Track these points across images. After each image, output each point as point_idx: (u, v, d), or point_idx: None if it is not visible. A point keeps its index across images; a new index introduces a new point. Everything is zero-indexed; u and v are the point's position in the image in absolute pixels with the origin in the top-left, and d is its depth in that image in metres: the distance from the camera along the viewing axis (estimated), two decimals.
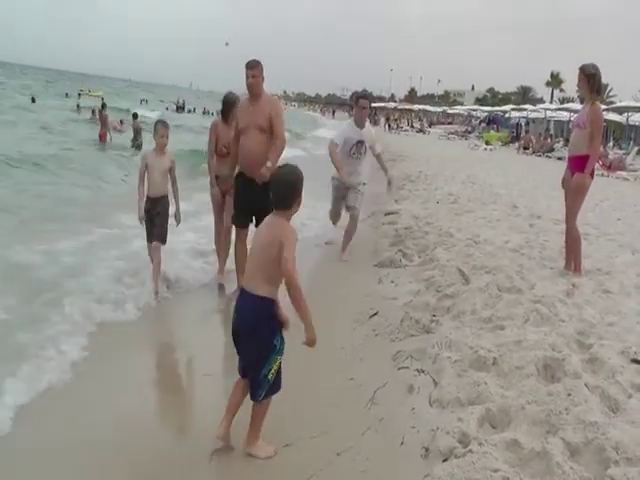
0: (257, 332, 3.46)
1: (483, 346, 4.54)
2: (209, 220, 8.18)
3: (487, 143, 40.29)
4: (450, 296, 6.10)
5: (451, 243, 8.43)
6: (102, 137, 23.55)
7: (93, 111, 32.67)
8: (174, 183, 7.10)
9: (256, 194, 6.22)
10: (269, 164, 6.31)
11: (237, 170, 6.82)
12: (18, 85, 65.17)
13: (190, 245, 8.58)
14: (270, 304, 3.47)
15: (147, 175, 6.97)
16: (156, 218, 6.93)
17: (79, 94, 60.76)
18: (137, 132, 23.21)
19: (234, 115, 7.20)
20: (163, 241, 6.96)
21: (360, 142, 8.50)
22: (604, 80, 6.92)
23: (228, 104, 7.58)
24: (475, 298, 5.87)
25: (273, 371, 3.50)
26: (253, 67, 6.46)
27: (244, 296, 3.51)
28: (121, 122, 29.83)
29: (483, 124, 56.54)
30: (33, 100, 43.08)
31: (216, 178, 7.56)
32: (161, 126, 7.06)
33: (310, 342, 3.41)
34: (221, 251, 7.55)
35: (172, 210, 7.11)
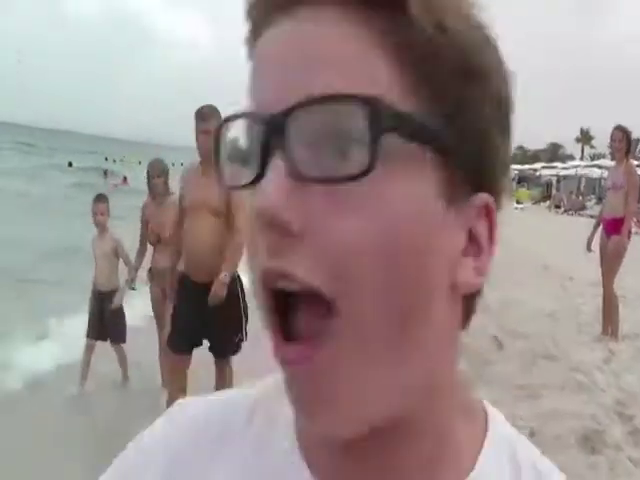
0: None
1: (520, 416, 4.45)
2: None
3: (518, 202, 40.20)
4: (484, 363, 6.02)
5: (483, 307, 8.34)
6: None
7: (125, 178, 33.72)
8: (127, 263, 5.81)
9: (205, 308, 4.32)
10: (224, 276, 4.29)
11: (179, 266, 4.74)
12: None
13: None
14: None
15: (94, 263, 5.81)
16: (108, 317, 5.71)
17: (105, 158, 62.33)
18: None
19: (160, 189, 5.42)
20: (122, 340, 5.80)
21: None
22: (636, 135, 6.96)
23: (151, 177, 5.51)
24: (509, 365, 5.78)
25: None
26: (206, 118, 4.25)
27: None
28: (125, 179, 31.17)
29: (514, 182, 56.60)
30: (70, 164, 44.39)
31: (149, 271, 5.69)
32: (95, 202, 5.69)
33: None
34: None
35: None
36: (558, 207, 37.02)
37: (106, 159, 61.43)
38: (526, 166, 63.16)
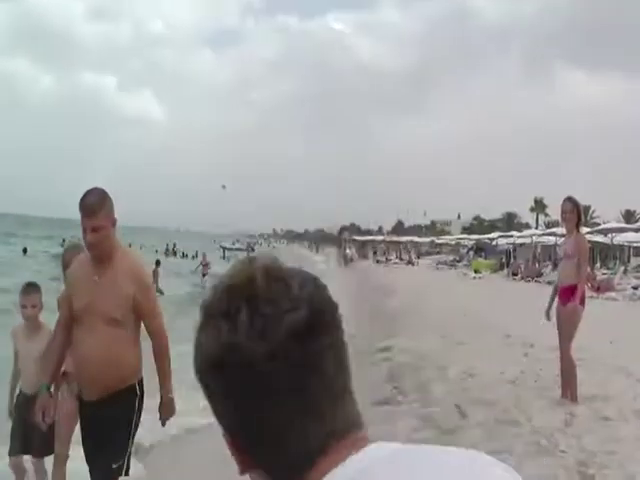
0: None
1: None
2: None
3: (476, 271, 40.85)
4: (448, 432, 6.08)
5: (447, 377, 8.45)
6: None
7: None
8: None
9: (98, 432, 3.58)
10: (171, 395, 3.74)
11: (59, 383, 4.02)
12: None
13: None
14: None
15: (18, 362, 4.71)
16: (32, 424, 4.11)
17: (63, 240, 60.86)
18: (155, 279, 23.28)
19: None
20: (46, 452, 4.53)
21: None
22: (587, 202, 7.28)
23: (65, 265, 4.25)
24: (473, 432, 5.86)
25: None
26: (92, 214, 3.43)
27: None
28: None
29: (471, 252, 57.53)
30: (25, 251, 43.70)
31: (63, 375, 4.13)
32: (24, 293, 4.69)
33: None
34: None
35: None
36: (515, 275, 37.66)
37: (63, 240, 60.37)
38: (483, 236, 64.53)
